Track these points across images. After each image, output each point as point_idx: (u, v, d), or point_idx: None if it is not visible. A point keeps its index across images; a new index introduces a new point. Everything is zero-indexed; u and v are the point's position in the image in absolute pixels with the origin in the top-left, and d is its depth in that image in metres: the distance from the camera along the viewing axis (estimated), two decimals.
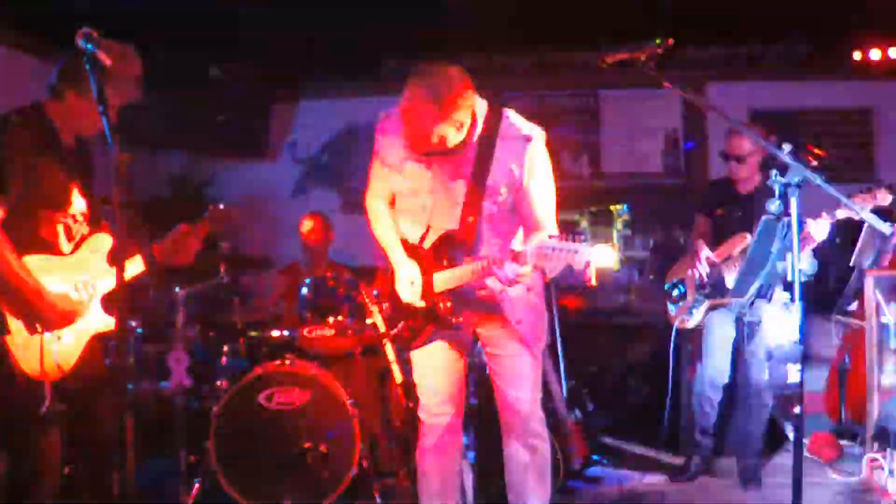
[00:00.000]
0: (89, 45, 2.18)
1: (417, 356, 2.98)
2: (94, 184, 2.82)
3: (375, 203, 2.98)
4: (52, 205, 2.63)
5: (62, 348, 2.59)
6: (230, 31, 5.46)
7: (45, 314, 2.51)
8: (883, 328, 4.13)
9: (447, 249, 2.79)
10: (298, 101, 6.67)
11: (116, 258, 2.67)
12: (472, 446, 3.64)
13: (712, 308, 4.09)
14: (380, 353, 3.92)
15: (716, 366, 4.15)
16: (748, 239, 3.95)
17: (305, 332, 4.09)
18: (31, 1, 4.87)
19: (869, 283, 4.20)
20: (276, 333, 4.20)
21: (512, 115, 2.78)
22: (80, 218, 2.73)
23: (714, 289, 4.06)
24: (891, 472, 3.79)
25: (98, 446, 2.72)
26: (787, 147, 2.40)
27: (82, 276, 2.70)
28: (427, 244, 2.85)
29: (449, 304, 2.79)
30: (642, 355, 5.28)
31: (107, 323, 2.74)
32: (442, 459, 3.01)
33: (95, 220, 2.81)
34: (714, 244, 4.13)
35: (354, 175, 6.80)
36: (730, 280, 3.99)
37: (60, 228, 2.67)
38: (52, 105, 2.67)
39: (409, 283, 2.81)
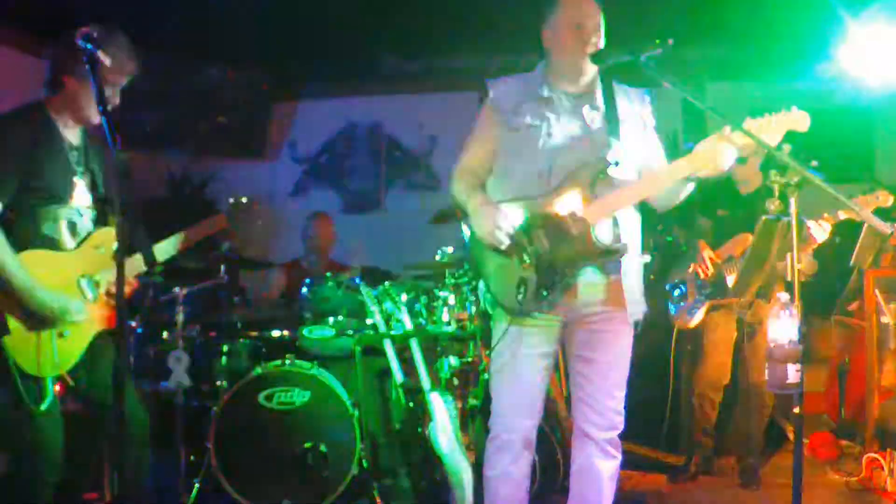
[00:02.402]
0: (89, 45, 2.18)
1: (503, 361, 2.64)
2: (104, 181, 2.81)
3: (463, 170, 2.72)
4: (54, 200, 2.62)
5: (63, 345, 2.58)
6: (230, 31, 5.46)
7: (36, 312, 2.48)
8: (883, 328, 4.13)
9: (598, 178, 2.51)
10: (298, 101, 6.67)
11: (117, 257, 2.68)
12: (473, 447, 3.64)
13: (713, 308, 4.09)
14: (380, 352, 3.93)
15: (716, 366, 4.16)
16: (749, 239, 3.95)
17: (305, 332, 4.09)
18: (32, 1, 4.87)
19: (869, 283, 4.20)
20: (276, 333, 4.20)
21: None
22: (84, 213, 2.72)
23: (715, 289, 4.06)
24: (891, 472, 3.80)
25: (119, 444, 2.72)
26: (786, 147, 2.40)
27: (86, 273, 2.68)
28: (553, 181, 2.56)
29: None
30: (642, 355, 5.26)
31: (111, 320, 2.73)
32: (517, 481, 2.67)
33: (102, 217, 2.80)
34: (715, 245, 4.13)
35: (354, 175, 6.83)
36: (730, 280, 3.99)
37: (63, 224, 2.65)
38: (52, 101, 2.66)
39: (501, 219, 2.51)
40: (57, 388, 3.38)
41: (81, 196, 2.71)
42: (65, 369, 2.60)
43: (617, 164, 2.52)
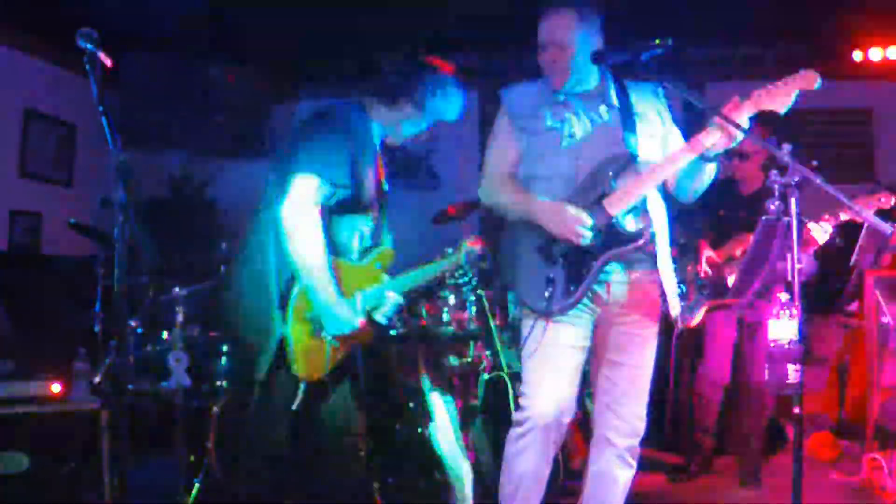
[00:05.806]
0: (89, 45, 2.18)
1: (533, 354, 2.60)
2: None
3: (498, 178, 2.73)
4: (359, 209, 2.60)
5: (331, 352, 2.60)
6: (230, 31, 5.46)
7: (333, 316, 2.50)
8: (883, 328, 4.13)
9: (620, 172, 2.55)
10: (298, 101, 6.67)
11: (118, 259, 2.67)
12: (473, 447, 3.64)
13: (713, 308, 4.09)
14: (381, 352, 3.92)
15: (716, 366, 4.16)
16: (750, 239, 3.95)
17: None
18: (32, 1, 4.87)
19: (869, 283, 4.20)
20: None
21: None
22: (369, 226, 2.70)
23: (715, 289, 4.05)
24: (891, 472, 3.79)
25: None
26: (786, 147, 2.40)
27: (361, 286, 2.65)
28: (577, 180, 2.59)
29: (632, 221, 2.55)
30: None
31: (367, 336, 2.72)
32: (537, 475, 2.64)
33: (380, 230, 2.77)
34: (716, 245, 4.13)
35: None
36: (730, 280, 3.99)
37: (356, 235, 2.64)
38: (378, 108, 2.67)
39: (575, 217, 2.50)
40: (57, 386, 3.38)
41: (374, 208, 2.68)
42: (322, 374, 2.60)
43: (636, 155, 2.54)
